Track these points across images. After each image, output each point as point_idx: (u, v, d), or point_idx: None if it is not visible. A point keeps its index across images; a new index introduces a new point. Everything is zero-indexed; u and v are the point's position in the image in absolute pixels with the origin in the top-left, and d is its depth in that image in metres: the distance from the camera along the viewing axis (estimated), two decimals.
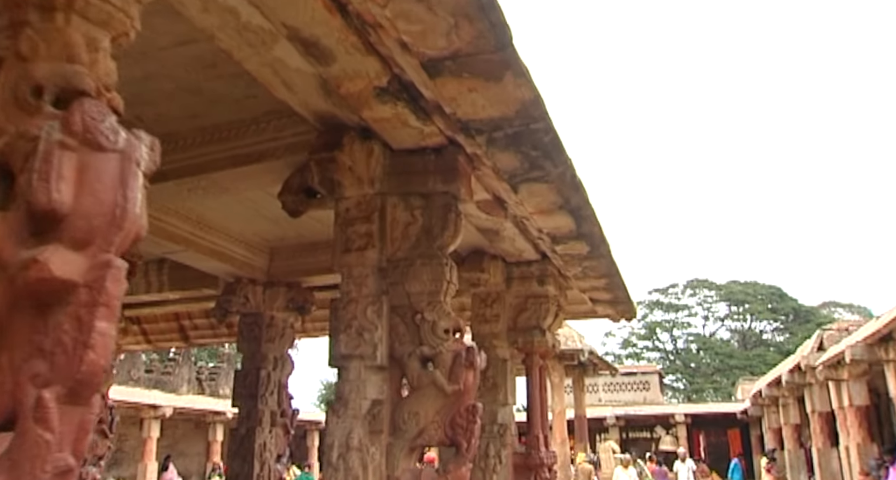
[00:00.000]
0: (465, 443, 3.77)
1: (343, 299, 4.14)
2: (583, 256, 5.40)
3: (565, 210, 4.42)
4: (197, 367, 25.20)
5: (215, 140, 4.77)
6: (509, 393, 6.21)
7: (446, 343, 3.92)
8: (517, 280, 6.40)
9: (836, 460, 14.61)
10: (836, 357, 11.20)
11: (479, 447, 6.12)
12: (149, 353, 24.73)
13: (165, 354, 23.54)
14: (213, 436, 20.04)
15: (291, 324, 7.81)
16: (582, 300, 6.98)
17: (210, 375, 24.88)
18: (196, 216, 6.36)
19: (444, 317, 3.97)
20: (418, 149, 4.24)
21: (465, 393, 3.84)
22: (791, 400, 17.31)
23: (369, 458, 3.79)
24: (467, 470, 3.78)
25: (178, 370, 23.40)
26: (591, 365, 19.74)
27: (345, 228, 4.26)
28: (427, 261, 4.08)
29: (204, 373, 24.51)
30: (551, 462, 6.26)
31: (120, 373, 21.75)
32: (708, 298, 50.19)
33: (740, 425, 23.30)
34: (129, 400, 17.27)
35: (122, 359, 22.01)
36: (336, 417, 3.94)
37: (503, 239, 5.72)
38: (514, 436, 6.30)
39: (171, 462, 18.67)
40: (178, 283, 7.73)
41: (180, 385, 23.44)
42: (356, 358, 3.98)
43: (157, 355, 24.18)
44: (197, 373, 24.34)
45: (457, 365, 3.85)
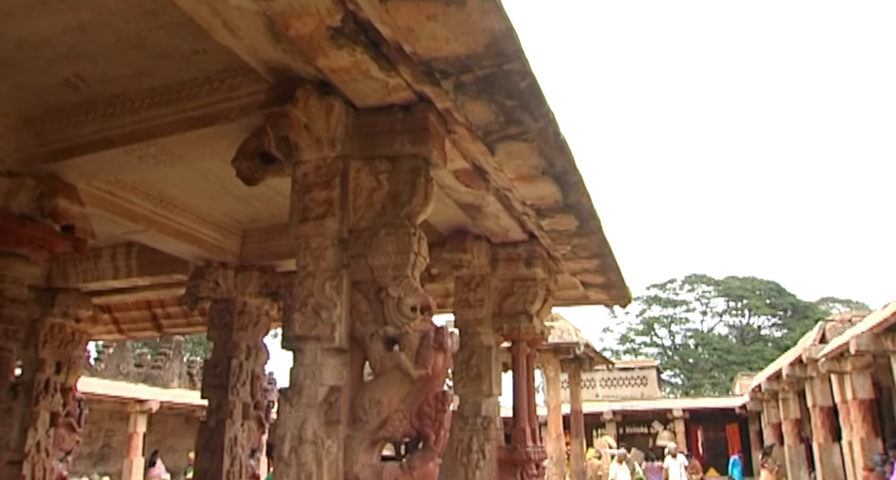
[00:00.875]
0: (434, 435, 3.31)
1: (299, 274, 3.67)
2: (571, 232, 4.93)
3: (549, 176, 3.94)
4: (188, 361, 24.74)
5: (165, 102, 4.30)
6: (494, 384, 5.75)
7: (413, 322, 3.45)
8: (503, 262, 5.93)
9: (838, 455, 14.17)
10: (840, 348, 10.73)
11: (462, 441, 5.68)
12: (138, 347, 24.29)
13: (155, 348, 23.09)
14: None
15: (266, 312, 7.35)
16: (573, 285, 6.51)
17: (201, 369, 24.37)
18: (158, 193, 5.90)
19: (411, 294, 3.50)
20: (384, 107, 3.77)
21: (433, 378, 3.38)
22: (791, 394, 16.85)
23: (324, 452, 3.33)
24: (435, 466, 3.31)
25: (168, 364, 22.95)
26: (588, 359, 19.25)
27: (302, 195, 3.79)
28: (393, 231, 3.61)
29: (195, 367, 24.02)
30: (539, 458, 5.80)
31: (109, 367, 21.32)
32: (706, 293, 49.80)
33: (739, 420, 22.82)
34: (115, 394, 16.81)
35: (112, 353, 21.57)
36: (289, 406, 3.48)
37: (486, 215, 5.25)
38: (500, 430, 5.84)
39: (158, 457, 18.21)
40: (146, 268, 7.26)
41: (171, 379, 23.00)
42: (312, 340, 3.52)
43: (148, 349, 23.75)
44: (188, 367, 23.88)
45: (424, 346, 3.39)
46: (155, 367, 22.97)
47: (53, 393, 7.59)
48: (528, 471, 5.60)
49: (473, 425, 5.68)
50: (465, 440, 5.66)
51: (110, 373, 20.95)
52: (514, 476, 5.61)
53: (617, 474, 15.44)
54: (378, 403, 3.37)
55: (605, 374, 30.93)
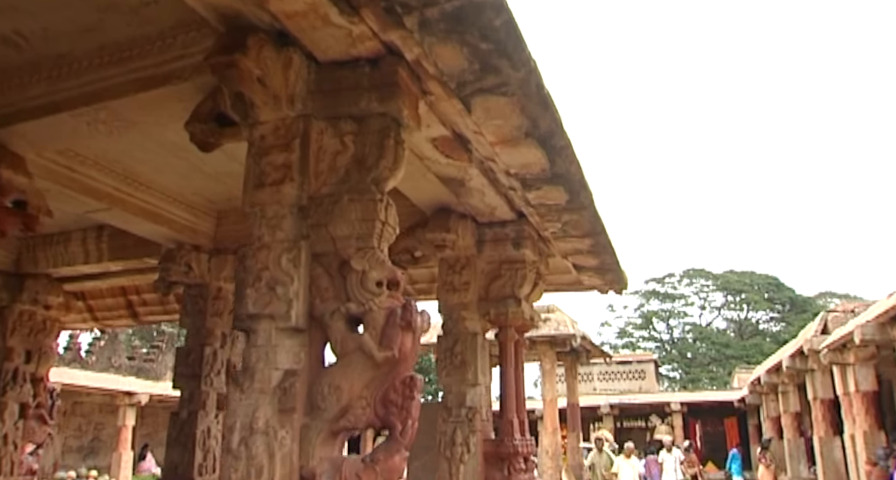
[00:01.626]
0: (400, 425, 2.91)
1: (253, 245, 3.27)
2: (561, 207, 4.52)
3: (534, 139, 3.54)
4: None
5: (114, 61, 3.89)
6: (480, 372, 5.36)
7: (378, 298, 3.05)
8: (490, 243, 5.53)
9: (839, 449, 13.77)
10: (843, 338, 10.33)
11: (445, 433, 5.29)
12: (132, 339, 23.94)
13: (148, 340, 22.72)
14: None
15: None
16: (565, 268, 6.10)
17: None
18: (122, 169, 5.49)
19: (376, 267, 3.10)
20: (350, 61, 3.37)
21: (400, 361, 2.98)
22: (791, 387, 16.46)
23: (277, 444, 2.94)
24: (402, 460, 2.92)
25: (161, 357, 22.58)
26: (584, 351, 18.86)
27: (258, 159, 3.39)
28: (357, 197, 3.21)
29: None
30: (527, 451, 5.40)
31: (100, 360, 20.95)
32: (704, 287, 49.36)
33: (737, 414, 22.44)
34: (105, 387, 16.42)
35: (103, 346, 21.20)
36: (239, 392, 3.08)
37: (470, 191, 4.85)
38: (488, 421, 5.44)
39: (149, 450, 17.84)
40: (118, 252, 6.86)
41: (164, 372, 22.61)
42: (266, 319, 3.13)
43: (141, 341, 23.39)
44: None
45: (390, 325, 2.99)
46: (147, 360, 22.60)
47: (23, 383, 7.21)
48: (516, 465, 5.21)
49: (458, 416, 5.29)
50: (448, 432, 5.27)
51: (102, 366, 20.59)
52: (501, 470, 5.22)
53: (620, 468, 14.78)
54: (338, 389, 2.98)
55: (602, 368, 30.55)
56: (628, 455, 14.67)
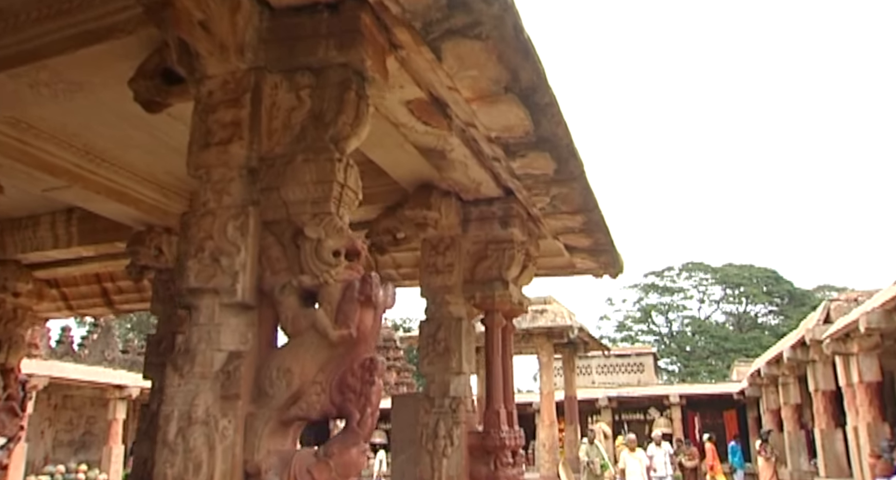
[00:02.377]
0: (358, 414, 2.53)
1: (196, 212, 2.89)
2: (549, 178, 4.13)
3: (514, 95, 3.15)
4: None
5: (54, 14, 3.50)
6: (465, 360, 4.97)
7: (335, 270, 2.66)
8: (475, 222, 5.14)
9: (841, 441, 13.39)
10: (847, 327, 9.93)
11: (427, 425, 4.91)
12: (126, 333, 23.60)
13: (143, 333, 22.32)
14: None
15: None
16: (557, 250, 5.71)
17: None
18: (82, 144, 5.09)
19: (333, 234, 2.71)
20: (307, 6, 2.99)
21: (358, 341, 2.59)
22: (791, 378, 16.06)
23: (218, 435, 2.55)
24: (360, 453, 2.53)
25: None
26: (582, 343, 18.44)
27: (205, 117, 3.00)
28: (312, 157, 2.82)
29: None
30: (515, 444, 5.02)
31: (93, 353, 20.57)
32: (703, 281, 48.93)
33: (737, 406, 22.04)
34: (95, 381, 16.03)
35: (96, 339, 20.83)
36: (178, 377, 2.70)
37: (452, 164, 4.46)
38: (473, 412, 5.06)
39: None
40: (88, 236, 6.47)
41: None
42: (208, 294, 2.74)
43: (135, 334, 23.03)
44: None
45: (347, 300, 2.60)
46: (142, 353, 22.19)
47: None
48: (503, 459, 4.83)
49: (440, 407, 4.90)
50: (430, 424, 4.89)
51: (94, 359, 20.20)
52: (487, 464, 4.84)
53: (626, 463, 14.24)
54: (288, 373, 2.59)
55: (601, 361, 30.16)
56: (633, 448, 14.13)
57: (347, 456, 2.48)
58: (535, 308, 16.56)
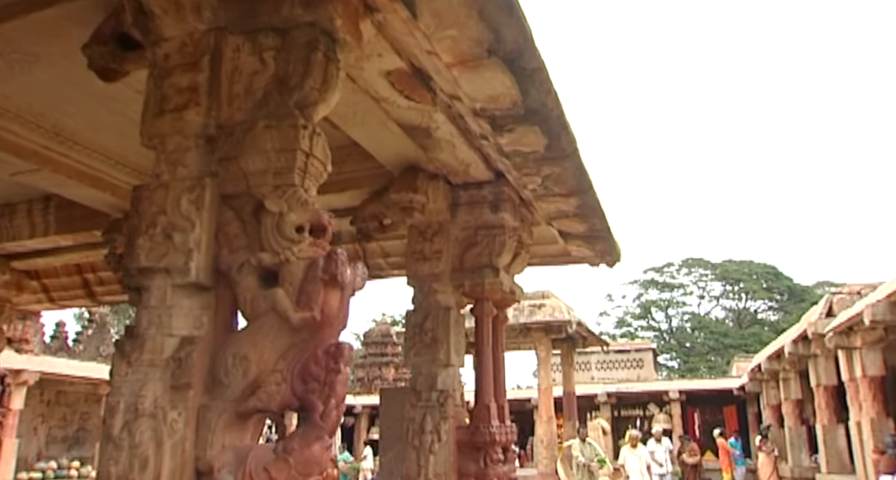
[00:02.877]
0: (322, 405, 2.26)
1: (150, 185, 2.62)
2: (540, 155, 3.86)
3: (498, 59, 2.88)
4: None
5: None
6: (453, 351, 4.71)
7: (297, 246, 2.40)
8: (465, 206, 4.88)
9: (843, 437, 13.13)
10: (851, 320, 9.66)
11: (414, 420, 4.64)
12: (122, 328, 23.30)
13: None
14: None
15: None
16: (551, 238, 5.44)
17: None
18: (51, 125, 4.83)
19: (296, 208, 2.45)
20: None
21: (323, 324, 2.33)
22: (792, 373, 15.80)
23: (167, 429, 2.29)
24: (323, 450, 2.26)
25: None
26: (581, 338, 18.17)
27: (160, 82, 2.74)
28: (275, 123, 2.55)
29: None
30: (506, 439, 4.76)
31: (87, 349, 20.33)
32: (703, 277, 48.65)
33: (737, 402, 21.78)
34: (88, 376, 15.77)
35: (91, 335, 20.58)
36: (126, 365, 2.43)
37: (439, 143, 4.19)
38: (462, 407, 4.80)
39: None
40: (65, 225, 6.21)
41: None
42: (160, 273, 2.48)
43: None
44: None
45: (310, 280, 2.34)
46: None
47: None
48: (493, 456, 4.56)
49: (427, 400, 4.64)
50: (417, 419, 4.63)
51: (89, 355, 19.96)
52: (477, 461, 4.58)
53: (626, 459, 13.86)
54: (245, 360, 2.33)
55: (600, 357, 29.91)
56: (635, 444, 13.76)
57: (309, 453, 2.21)
58: (533, 302, 16.29)
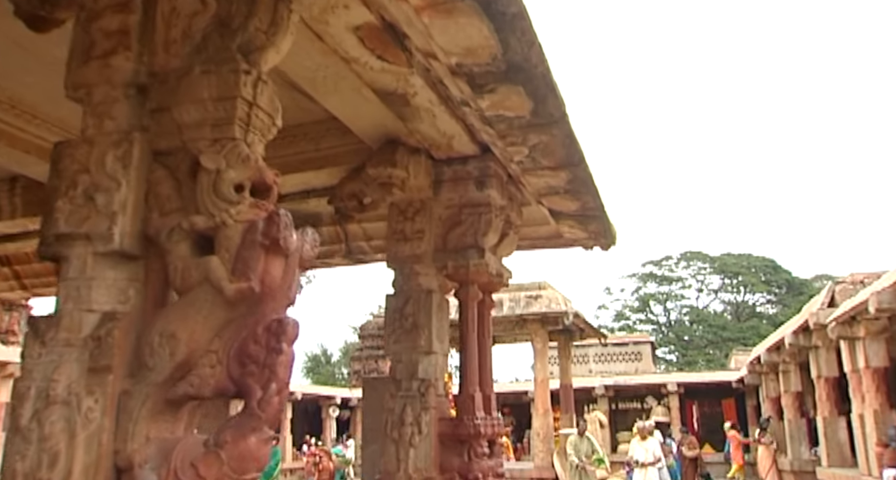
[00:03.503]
0: (260, 391, 1.93)
1: (72, 141, 2.28)
2: (526, 122, 3.51)
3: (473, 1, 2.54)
4: None
5: None
6: (435, 337, 4.38)
7: (236, 207, 2.06)
8: (448, 183, 4.54)
9: (845, 430, 12.83)
10: (855, 309, 9.33)
11: (393, 411, 4.31)
12: None
13: None
14: None
15: None
16: (542, 218, 5.10)
17: None
18: (7, 97, 4.51)
19: (236, 165, 2.11)
20: None
21: (264, 298, 2.00)
22: (792, 365, 15.48)
23: (81, 418, 1.96)
24: (261, 443, 1.93)
25: None
26: (578, 330, 17.84)
27: (88, 26, 2.40)
28: (213, 68, 2.21)
29: None
30: (493, 432, 4.43)
31: None
32: (702, 270, 48.31)
33: (735, 395, 21.49)
34: None
35: None
36: (39, 345, 2.10)
37: (418, 112, 3.86)
38: (445, 397, 4.48)
39: None
40: (33, 207, 5.87)
41: None
42: (80, 241, 2.14)
43: None
44: None
45: (248, 245, 2.00)
46: None
47: None
48: (478, 449, 4.24)
49: (408, 390, 4.31)
50: (396, 410, 4.30)
51: None
52: (461, 454, 4.25)
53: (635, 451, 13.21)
54: (173, 339, 1.99)
55: (598, 350, 29.58)
56: (644, 436, 13.18)
57: (244, 446, 1.88)
58: (530, 294, 15.98)
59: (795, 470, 15.48)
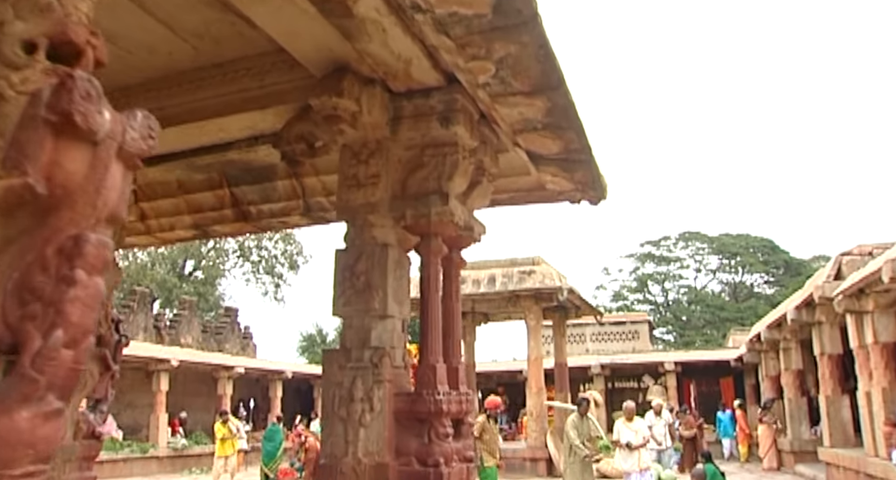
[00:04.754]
0: (40, 339, 1.24)
1: None
2: (487, 24, 2.77)
3: None
4: (155, 314, 22.75)
5: None
6: (391, 299, 3.71)
7: (21, 73, 1.37)
8: (409, 120, 3.85)
9: (848, 408, 12.23)
10: (865, 279, 8.65)
11: (341, 385, 3.66)
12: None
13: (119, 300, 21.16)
14: (158, 387, 17.59)
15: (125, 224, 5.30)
16: (522, 166, 4.41)
17: (171, 323, 22.45)
18: None
19: (28, 14, 1.42)
20: None
21: (55, 204, 1.31)
22: (794, 343, 14.87)
23: None
24: (39, 417, 1.25)
25: (132, 317, 21.00)
26: (573, 307, 17.20)
27: None
28: None
29: (163, 320, 22.06)
30: (458, 410, 3.77)
31: None
32: (700, 250, 47.69)
33: (734, 373, 20.92)
34: None
35: None
36: None
37: (364, 27, 3.16)
38: (404, 369, 3.81)
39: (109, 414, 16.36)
40: None
41: (135, 333, 21.07)
42: None
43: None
44: (155, 320, 21.91)
45: (26, 124, 1.31)
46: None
47: None
48: (439, 429, 3.58)
49: (358, 361, 3.65)
50: (345, 383, 3.64)
51: None
52: (420, 435, 3.59)
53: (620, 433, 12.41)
54: None
55: (594, 329, 29.02)
56: (630, 417, 12.50)
57: (8, 424, 1.21)
58: (523, 269, 15.32)
59: (795, 450, 14.92)
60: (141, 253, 30.50)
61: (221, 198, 5.41)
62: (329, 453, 3.62)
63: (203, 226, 5.66)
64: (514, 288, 14.98)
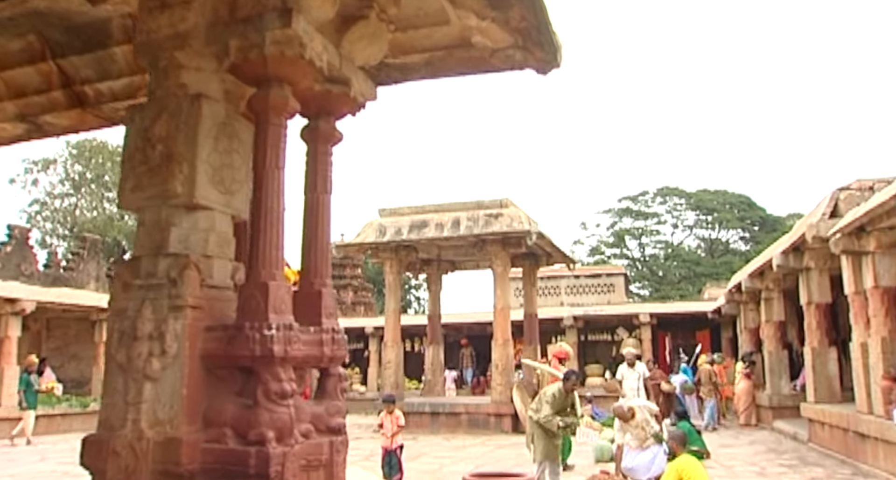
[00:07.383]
0: None
1: None
2: None
3: None
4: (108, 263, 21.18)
5: None
6: (205, 179, 2.29)
7: None
8: None
9: (835, 361, 11.10)
10: (869, 213, 7.34)
11: (124, 313, 2.23)
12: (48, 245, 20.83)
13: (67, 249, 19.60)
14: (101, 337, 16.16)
15: None
16: (438, 12, 2.96)
17: None
18: None
19: None
20: None
21: None
22: (776, 293, 13.68)
23: None
24: None
25: (83, 265, 19.47)
26: (545, 254, 15.87)
27: None
28: None
29: None
30: (312, 355, 2.38)
31: (7, 268, 17.86)
32: (678, 206, 46.63)
33: (711, 326, 19.83)
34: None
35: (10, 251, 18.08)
36: None
37: None
38: (224, 289, 2.41)
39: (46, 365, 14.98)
40: None
41: (86, 282, 19.59)
42: None
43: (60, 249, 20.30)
44: (107, 270, 20.38)
45: None
46: (67, 269, 19.48)
47: None
48: (270, 386, 2.18)
49: (150, 276, 2.23)
50: (129, 312, 2.22)
51: (10, 274, 17.48)
52: (239, 393, 2.20)
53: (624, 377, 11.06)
54: None
55: (569, 281, 27.90)
56: (631, 363, 11.17)
57: None
58: (490, 212, 13.87)
59: (774, 406, 13.81)
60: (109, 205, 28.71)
61: (47, 74, 3.92)
62: (103, 420, 2.23)
63: (32, 118, 4.18)
64: (479, 232, 13.57)
